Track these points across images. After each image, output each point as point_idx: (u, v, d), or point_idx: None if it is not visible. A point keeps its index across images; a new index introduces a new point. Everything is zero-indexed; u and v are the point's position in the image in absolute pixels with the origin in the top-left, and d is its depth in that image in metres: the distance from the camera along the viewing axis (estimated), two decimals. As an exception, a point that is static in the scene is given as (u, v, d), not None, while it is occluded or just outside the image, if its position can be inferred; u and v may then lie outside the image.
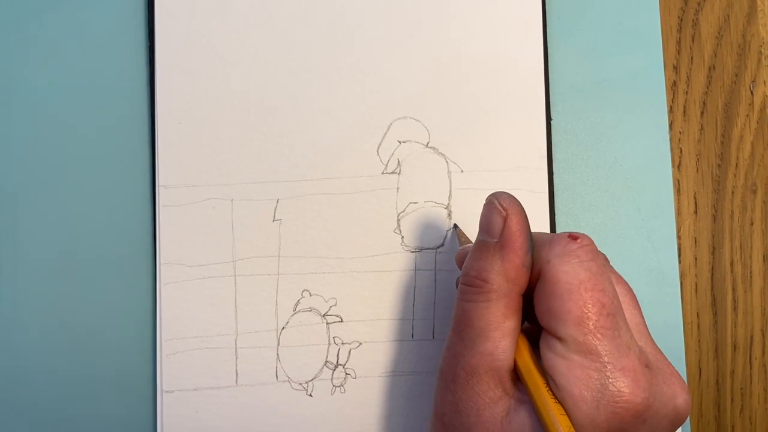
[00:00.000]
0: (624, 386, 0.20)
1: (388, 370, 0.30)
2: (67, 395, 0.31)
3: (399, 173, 0.31)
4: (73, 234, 0.31)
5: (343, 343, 0.30)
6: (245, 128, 0.31)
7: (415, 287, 0.31)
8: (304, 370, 0.30)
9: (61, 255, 0.31)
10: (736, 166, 0.32)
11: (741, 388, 0.32)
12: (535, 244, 0.23)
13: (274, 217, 0.31)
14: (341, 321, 0.31)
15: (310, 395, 0.30)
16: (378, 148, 0.31)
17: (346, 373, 0.30)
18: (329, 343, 0.30)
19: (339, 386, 0.30)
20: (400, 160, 0.31)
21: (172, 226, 0.31)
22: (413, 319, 0.31)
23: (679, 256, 0.32)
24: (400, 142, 0.31)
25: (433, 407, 0.24)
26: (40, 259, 0.31)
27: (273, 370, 0.30)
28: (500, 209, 0.22)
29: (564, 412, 0.20)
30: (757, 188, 0.32)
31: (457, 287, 0.24)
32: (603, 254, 0.24)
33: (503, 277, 0.22)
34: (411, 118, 0.31)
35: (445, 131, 0.31)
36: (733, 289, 0.32)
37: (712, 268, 0.32)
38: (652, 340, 0.23)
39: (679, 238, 0.32)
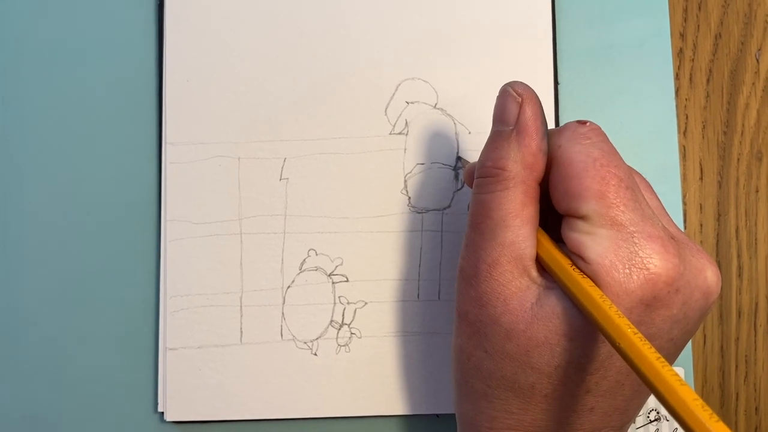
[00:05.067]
0: (654, 252, 0.20)
1: (393, 330, 0.30)
2: (69, 351, 0.31)
3: (406, 134, 0.31)
4: (79, 189, 0.31)
5: (348, 303, 0.30)
6: (253, 86, 0.31)
7: (421, 248, 0.31)
8: (309, 329, 0.30)
9: (65, 209, 0.31)
10: (742, 133, 0.32)
11: (745, 355, 0.32)
12: None
13: (281, 175, 0.31)
14: (347, 281, 0.30)
15: (315, 354, 0.30)
16: (386, 108, 0.31)
17: (351, 333, 0.30)
18: (335, 303, 0.30)
19: (344, 345, 0.30)
20: (407, 120, 0.31)
21: (178, 183, 0.31)
22: (419, 280, 0.31)
23: (685, 221, 0.32)
24: (408, 103, 0.31)
25: (455, 311, 0.23)
26: (44, 212, 0.31)
27: (278, 328, 0.30)
28: (515, 96, 0.22)
29: (593, 284, 0.20)
30: (763, 156, 0.32)
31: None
32: None
33: (520, 164, 0.22)
34: (419, 79, 0.31)
35: (453, 93, 0.31)
36: (738, 256, 0.32)
37: (718, 234, 0.32)
38: (673, 222, 0.22)
39: (684, 204, 0.32)
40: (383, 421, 0.31)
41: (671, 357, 0.22)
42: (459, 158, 0.31)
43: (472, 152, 0.31)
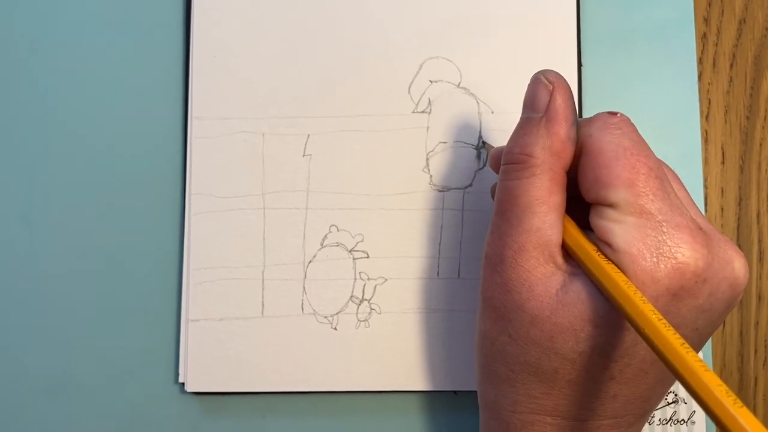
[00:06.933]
0: (682, 242, 0.20)
1: (412, 307, 0.31)
2: (94, 321, 0.31)
3: (429, 113, 0.31)
4: (105, 162, 0.32)
5: (368, 279, 0.31)
6: (279, 63, 0.31)
7: (441, 226, 0.31)
8: (330, 303, 0.31)
9: (91, 182, 0.31)
10: (765, 118, 0.32)
11: (765, 340, 0.32)
12: None
13: (305, 152, 0.31)
14: (367, 257, 0.31)
15: (335, 329, 0.30)
16: (409, 87, 0.31)
17: (371, 309, 0.31)
18: (355, 278, 0.31)
19: (363, 321, 0.30)
20: (430, 99, 0.31)
21: (203, 157, 0.31)
22: (439, 258, 0.31)
23: (706, 205, 0.32)
24: (431, 82, 0.31)
25: (480, 295, 0.24)
26: (70, 185, 0.31)
27: (299, 302, 0.30)
28: (546, 83, 0.22)
29: (618, 270, 0.20)
30: (785, 141, 0.32)
31: (493, 196, 0.24)
32: None
33: (548, 151, 0.22)
34: (443, 58, 0.31)
35: (476, 72, 0.31)
36: (759, 241, 0.32)
37: (738, 218, 0.32)
38: (701, 213, 0.22)
39: (705, 187, 0.32)
40: (401, 396, 0.31)
41: (696, 347, 0.22)
42: (484, 143, 0.31)
43: (495, 132, 0.31)
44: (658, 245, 0.20)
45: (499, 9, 0.31)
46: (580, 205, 0.23)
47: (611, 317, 0.20)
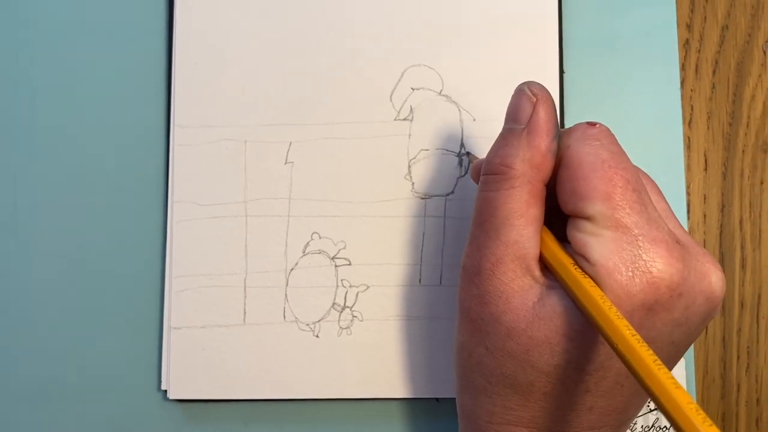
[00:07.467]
0: (658, 256, 0.20)
1: (394, 314, 0.31)
2: (76, 329, 0.31)
3: (411, 120, 0.31)
4: (88, 170, 0.32)
5: (350, 286, 0.31)
6: (261, 71, 0.31)
7: (423, 233, 0.31)
8: (312, 311, 0.31)
9: (74, 190, 0.32)
10: (747, 125, 0.32)
11: (747, 347, 0.32)
12: None
13: (287, 159, 0.31)
14: (350, 264, 0.31)
15: (317, 336, 0.30)
16: (391, 94, 0.31)
17: (353, 316, 0.31)
18: (337, 286, 0.31)
19: (345, 328, 0.31)
20: (412, 107, 0.31)
21: (185, 164, 0.31)
22: (421, 265, 0.31)
23: (688, 212, 0.32)
24: (413, 89, 0.31)
25: (457, 307, 0.24)
26: (53, 193, 0.32)
27: (281, 310, 0.31)
28: (530, 95, 0.22)
29: (595, 285, 0.20)
30: (768, 147, 0.32)
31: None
32: None
33: (528, 164, 0.22)
34: (425, 65, 0.31)
35: (458, 80, 0.31)
36: (742, 248, 0.32)
37: (721, 225, 0.32)
38: (680, 224, 0.22)
39: (688, 194, 0.32)
40: (383, 403, 0.31)
41: (672, 360, 0.22)
42: (468, 153, 0.31)
43: (477, 139, 0.31)
44: (634, 259, 0.20)
45: (480, 17, 0.31)
46: (558, 216, 0.23)
47: (586, 331, 0.20)
